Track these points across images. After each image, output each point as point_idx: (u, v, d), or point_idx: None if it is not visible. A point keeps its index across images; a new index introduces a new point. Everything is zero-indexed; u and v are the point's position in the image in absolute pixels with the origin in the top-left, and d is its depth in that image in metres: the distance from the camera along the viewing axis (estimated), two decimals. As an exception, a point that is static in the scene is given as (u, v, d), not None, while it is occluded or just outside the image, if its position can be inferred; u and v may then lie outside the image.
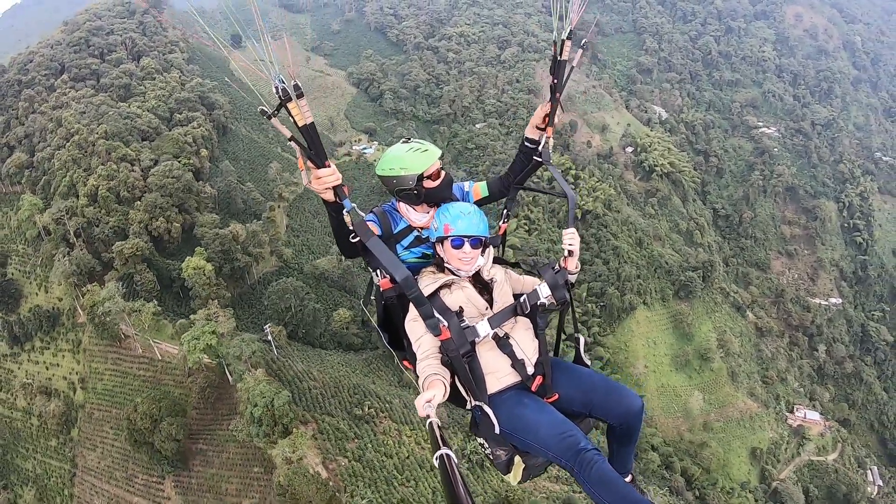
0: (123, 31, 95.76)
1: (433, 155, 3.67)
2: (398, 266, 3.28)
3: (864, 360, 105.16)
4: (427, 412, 2.77)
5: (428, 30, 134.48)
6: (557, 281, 3.54)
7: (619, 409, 3.44)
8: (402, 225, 3.89)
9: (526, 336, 3.60)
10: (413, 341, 3.49)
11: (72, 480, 56.63)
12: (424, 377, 3.19)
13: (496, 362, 3.50)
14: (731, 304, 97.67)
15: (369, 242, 3.27)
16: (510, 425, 3.34)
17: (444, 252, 3.67)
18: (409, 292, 3.29)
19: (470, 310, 3.54)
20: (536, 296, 3.55)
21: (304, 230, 78.77)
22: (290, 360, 53.54)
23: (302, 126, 2.90)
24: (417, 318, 3.43)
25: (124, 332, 57.08)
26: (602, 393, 3.48)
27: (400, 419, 52.39)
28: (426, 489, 46.63)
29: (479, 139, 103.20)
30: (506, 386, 3.50)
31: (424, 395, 2.93)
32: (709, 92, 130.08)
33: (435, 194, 3.77)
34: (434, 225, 3.70)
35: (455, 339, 3.30)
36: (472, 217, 3.61)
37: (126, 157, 67.95)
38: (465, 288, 3.61)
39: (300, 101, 2.81)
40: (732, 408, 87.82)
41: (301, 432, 42.62)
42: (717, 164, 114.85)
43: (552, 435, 3.14)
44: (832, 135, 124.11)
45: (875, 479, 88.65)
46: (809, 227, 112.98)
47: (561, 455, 3.07)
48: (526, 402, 3.41)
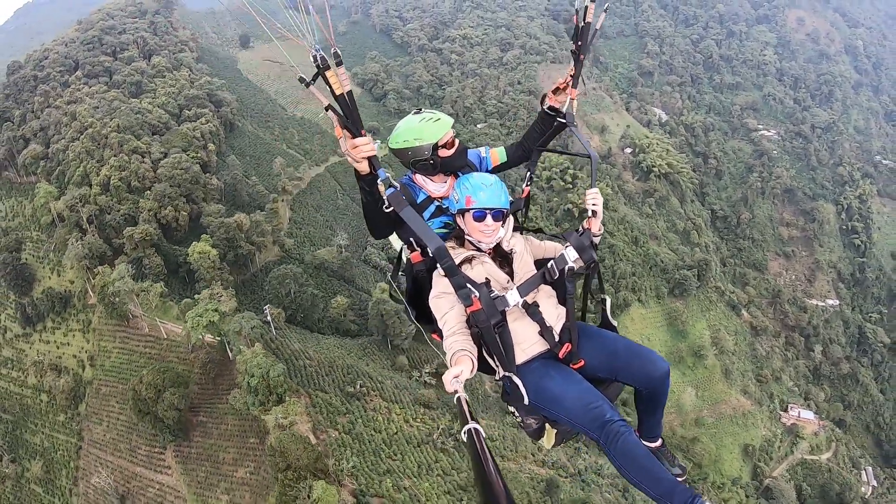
0: (135, 30, 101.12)
1: (446, 123, 3.72)
2: (432, 236, 3.35)
3: (860, 362, 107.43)
4: (455, 387, 2.80)
5: (432, 32, 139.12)
6: (583, 243, 3.59)
7: (643, 374, 3.47)
8: (421, 196, 3.92)
9: (550, 304, 3.62)
10: (438, 318, 3.51)
11: (77, 453, 59.90)
12: (452, 353, 3.21)
13: (525, 331, 3.53)
14: (726, 303, 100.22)
15: (403, 212, 3.33)
16: (538, 397, 3.39)
17: (466, 224, 3.67)
18: (442, 262, 3.35)
19: (492, 284, 3.55)
20: (564, 260, 3.58)
21: (307, 223, 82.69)
22: (287, 340, 57.14)
23: (339, 95, 2.95)
24: (441, 294, 3.48)
25: (132, 313, 60.97)
26: (626, 358, 3.51)
27: (390, 398, 55.78)
28: (412, 463, 49.95)
29: (480, 139, 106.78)
30: (533, 355, 3.53)
31: (452, 370, 2.96)
32: (709, 95, 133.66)
33: (450, 163, 3.81)
34: (455, 196, 3.69)
35: (486, 309, 3.33)
36: (493, 188, 3.60)
37: (137, 150, 72.35)
38: (486, 263, 3.61)
39: (339, 70, 2.86)
40: (725, 405, 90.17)
41: (294, 401, 46.13)
42: (716, 165, 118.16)
43: (578, 406, 3.18)
44: (832, 138, 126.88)
45: (869, 480, 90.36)
46: (807, 228, 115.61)
47: (587, 426, 3.10)
48: (552, 374, 3.43)
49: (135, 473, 54.98)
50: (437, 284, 3.54)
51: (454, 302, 3.42)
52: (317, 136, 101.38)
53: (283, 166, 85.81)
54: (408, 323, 64.91)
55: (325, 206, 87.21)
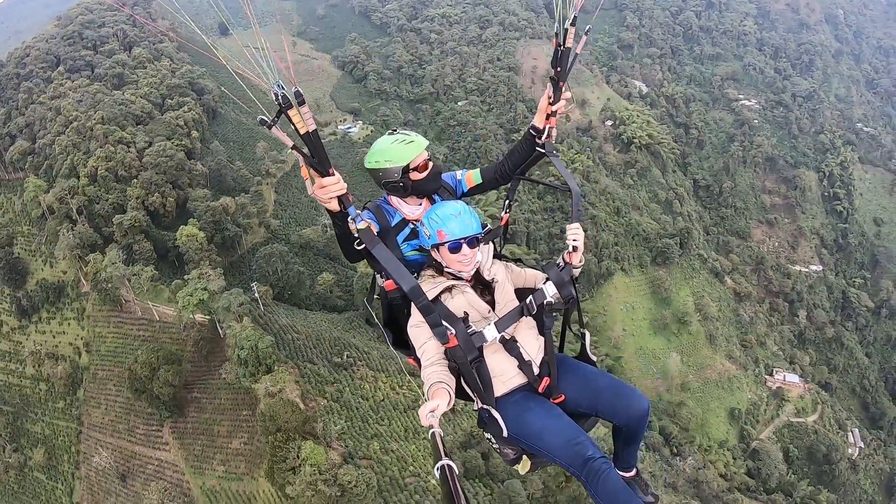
0: (115, 23, 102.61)
1: (418, 146, 3.69)
2: (404, 275, 3.33)
3: (844, 326, 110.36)
4: (430, 421, 2.80)
5: (411, 12, 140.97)
6: (563, 278, 3.60)
7: (624, 412, 3.52)
8: (397, 218, 3.90)
9: (530, 336, 3.64)
10: (417, 347, 3.51)
11: (78, 437, 62.45)
12: (429, 385, 3.22)
13: (503, 365, 3.54)
14: (709, 270, 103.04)
15: (375, 250, 3.32)
16: (517, 430, 3.41)
17: (442, 257, 3.63)
18: (416, 302, 3.34)
19: (473, 314, 3.55)
20: (542, 295, 3.57)
21: (292, 204, 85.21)
22: (275, 315, 59.71)
23: (304, 133, 2.90)
24: (420, 323, 3.46)
25: (125, 298, 63.50)
26: (609, 396, 3.54)
27: (377, 367, 58.54)
28: (398, 427, 52.80)
29: (461, 116, 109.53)
30: (512, 388, 3.55)
31: (428, 404, 2.95)
32: (690, 66, 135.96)
33: (422, 186, 3.81)
34: (426, 232, 3.64)
35: (462, 346, 3.34)
36: (463, 217, 3.56)
37: (122, 140, 74.44)
38: (466, 292, 3.60)
39: (301, 108, 2.81)
40: (710, 370, 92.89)
41: (282, 369, 48.86)
42: (697, 136, 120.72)
43: (560, 442, 3.22)
44: (813, 106, 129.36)
45: (856, 441, 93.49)
46: (790, 196, 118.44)
47: (569, 462, 3.15)
48: (532, 407, 3.46)
49: (134, 452, 57.60)
50: (415, 313, 3.51)
51: (432, 333, 3.41)
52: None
53: (267, 150, 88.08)
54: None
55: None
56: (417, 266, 3.83)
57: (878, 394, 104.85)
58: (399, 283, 3.33)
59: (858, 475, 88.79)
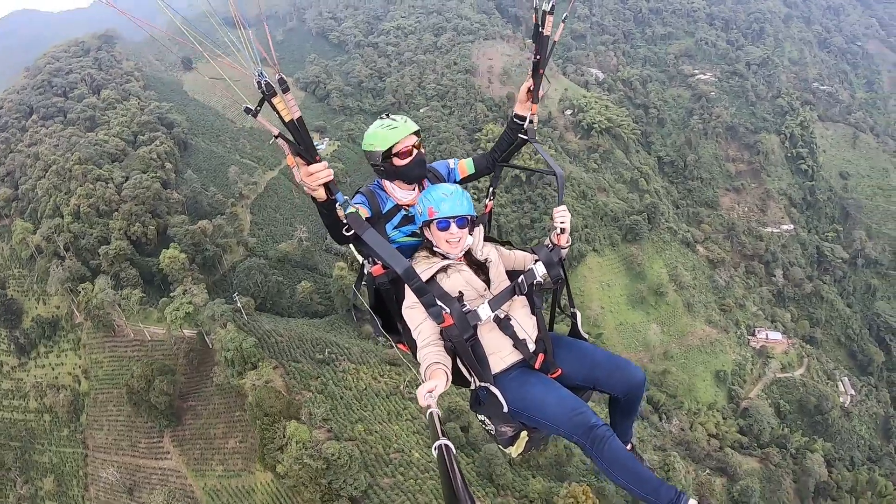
0: (81, 68, 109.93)
1: (401, 132, 3.85)
2: (398, 258, 3.37)
3: (822, 280, 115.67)
4: (428, 402, 2.89)
5: (366, 28, 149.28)
6: (552, 259, 3.81)
7: (623, 384, 3.71)
8: (389, 204, 4.06)
9: (524, 314, 3.80)
10: (412, 328, 3.64)
11: (84, 461, 67.09)
12: (426, 366, 3.34)
13: (498, 343, 3.69)
14: (680, 242, 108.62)
15: (365, 235, 3.36)
16: (518, 404, 3.54)
17: (432, 235, 3.82)
18: (410, 283, 3.41)
19: (469, 292, 3.71)
20: (533, 275, 3.76)
21: (267, 223, 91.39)
22: (258, 323, 65.44)
23: (289, 121, 2.91)
24: (415, 304, 3.59)
25: (116, 323, 69.53)
26: (606, 368, 3.74)
27: (358, 360, 64.27)
28: (382, 411, 58.17)
29: (424, 122, 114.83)
30: (510, 364, 3.70)
31: (426, 385, 3.06)
32: (643, 48, 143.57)
33: (406, 172, 3.97)
34: (418, 210, 3.84)
35: (458, 325, 3.45)
36: (454, 197, 3.75)
37: (100, 177, 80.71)
38: (463, 271, 3.78)
39: (286, 96, 2.84)
40: (692, 336, 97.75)
41: (265, 364, 54.77)
42: (657, 114, 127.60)
43: (562, 412, 3.36)
44: (768, 72, 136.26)
45: (847, 389, 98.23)
46: (753, 161, 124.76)
47: (572, 432, 3.28)
48: (532, 381, 3.61)
49: (138, 466, 62.41)
50: (409, 295, 3.64)
51: (427, 313, 3.52)
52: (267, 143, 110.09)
53: (239, 174, 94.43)
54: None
55: (283, 206, 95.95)
56: (411, 251, 3.99)
57: (864, 341, 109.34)
58: (392, 265, 3.37)
59: (853, 422, 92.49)
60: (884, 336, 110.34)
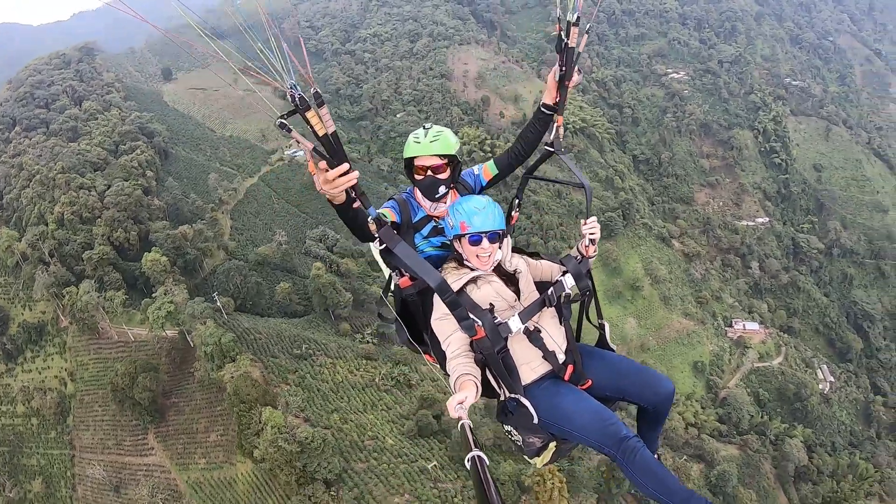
0: (63, 80, 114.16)
1: (419, 150, 4.03)
2: (431, 272, 3.48)
3: (798, 270, 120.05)
4: (459, 413, 2.97)
5: (343, 36, 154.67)
6: (581, 271, 3.97)
7: (652, 394, 3.81)
8: (420, 214, 4.23)
9: (553, 325, 3.88)
10: (442, 340, 3.75)
11: (72, 461, 69.47)
12: (456, 377, 3.43)
13: (528, 354, 3.79)
14: (655, 237, 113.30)
15: (397, 249, 3.46)
16: (549, 415, 3.63)
17: (463, 249, 3.93)
18: (444, 297, 3.53)
19: (500, 304, 3.81)
20: (562, 287, 3.86)
21: (247, 228, 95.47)
22: (237, 321, 69.38)
23: (323, 136, 2.91)
24: (444, 316, 3.71)
25: (101, 326, 73.28)
26: (635, 378, 3.85)
27: (335, 355, 68.18)
28: (357, 402, 62.20)
29: (401, 127, 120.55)
30: (539, 376, 3.80)
31: (457, 396, 3.15)
32: (617, 49, 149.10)
33: (419, 185, 4.16)
34: (449, 222, 3.94)
35: (490, 337, 3.55)
36: (487, 212, 3.85)
37: (83, 186, 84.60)
38: (493, 282, 3.89)
39: (321, 110, 2.82)
40: (668, 328, 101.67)
41: (243, 356, 58.66)
42: (631, 114, 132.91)
43: (593, 423, 3.44)
44: (740, 69, 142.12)
45: (826, 376, 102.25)
46: (727, 156, 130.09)
47: (603, 443, 3.36)
48: (563, 392, 3.70)
49: (124, 463, 65.36)
50: (438, 306, 3.76)
51: (458, 324, 3.62)
52: (247, 150, 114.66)
53: (219, 181, 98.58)
54: (344, 291, 78.05)
55: (263, 211, 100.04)
56: (438, 262, 4.10)
57: (842, 329, 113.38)
58: (425, 279, 3.48)
59: (833, 408, 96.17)
60: (861, 323, 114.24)
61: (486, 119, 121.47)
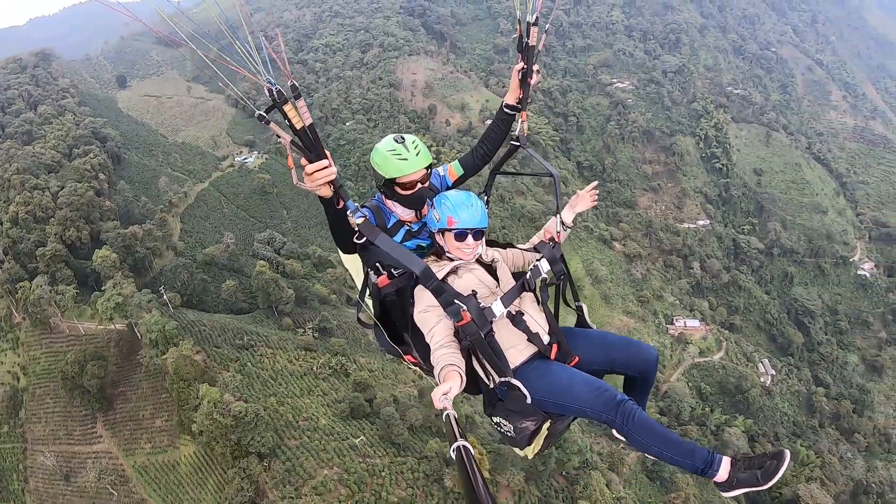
0: (19, 84, 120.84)
1: (410, 165, 4.06)
2: (413, 259, 3.68)
3: (739, 270, 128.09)
4: (444, 404, 3.04)
5: (296, 45, 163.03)
6: (555, 255, 4.27)
7: (639, 362, 4.10)
8: (392, 220, 4.36)
9: (534, 308, 4.17)
10: (426, 332, 3.91)
11: (24, 454, 73.65)
12: (440, 368, 3.56)
13: (513, 338, 4.00)
14: (596, 239, 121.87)
15: (377, 240, 3.66)
16: (542, 392, 3.79)
17: (445, 242, 4.18)
18: (428, 283, 3.75)
19: (482, 290, 4.03)
20: (538, 271, 4.17)
21: (196, 231, 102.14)
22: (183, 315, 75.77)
23: (300, 128, 3.12)
24: (428, 308, 3.90)
25: (53, 321, 79.17)
26: (622, 349, 4.14)
27: (276, 346, 74.46)
28: (295, 388, 68.60)
29: (349, 135, 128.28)
30: (527, 358, 4.01)
31: (441, 387, 3.23)
32: (563, 60, 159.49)
33: (403, 200, 4.27)
34: (435, 215, 4.12)
35: (476, 321, 3.75)
36: (474, 209, 4.11)
37: (37, 187, 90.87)
38: (475, 269, 4.18)
39: (298, 102, 3.03)
40: (609, 326, 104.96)
41: (184, 342, 65.52)
42: (576, 122, 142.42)
43: (588, 392, 3.63)
44: (684, 79, 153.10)
45: (767, 370, 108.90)
46: (669, 162, 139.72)
47: (601, 410, 3.56)
48: (553, 369, 3.91)
49: (74, 452, 69.82)
50: (420, 299, 3.96)
51: (441, 315, 3.83)
52: (198, 156, 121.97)
53: (169, 184, 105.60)
54: (287, 288, 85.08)
55: (213, 215, 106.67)
56: None
57: (783, 325, 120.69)
58: (410, 266, 3.70)
59: (774, 400, 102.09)
60: (802, 319, 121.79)
61: (432, 127, 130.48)
